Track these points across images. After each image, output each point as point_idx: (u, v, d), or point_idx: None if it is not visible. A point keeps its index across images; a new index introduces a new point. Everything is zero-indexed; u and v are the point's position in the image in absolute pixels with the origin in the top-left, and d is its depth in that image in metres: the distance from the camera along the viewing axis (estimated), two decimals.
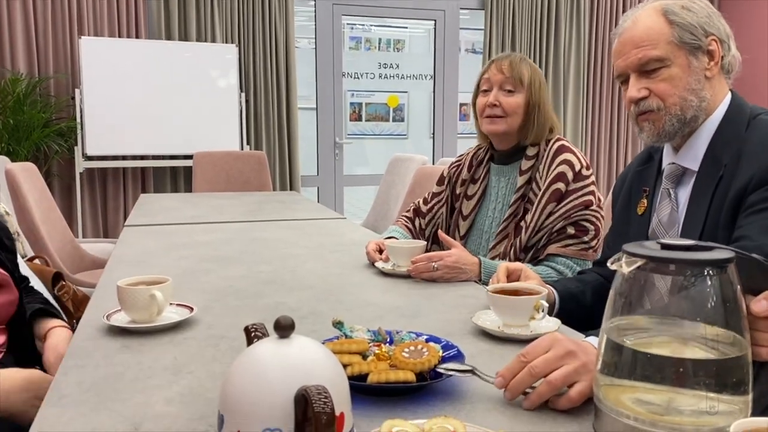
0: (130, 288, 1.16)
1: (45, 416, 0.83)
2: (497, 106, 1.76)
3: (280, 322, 0.73)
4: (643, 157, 1.33)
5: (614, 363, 0.76)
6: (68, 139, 4.39)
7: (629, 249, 0.75)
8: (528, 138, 1.78)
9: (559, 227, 1.66)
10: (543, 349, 0.87)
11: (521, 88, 1.76)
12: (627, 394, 0.75)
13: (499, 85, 1.77)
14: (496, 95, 1.76)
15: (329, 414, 0.65)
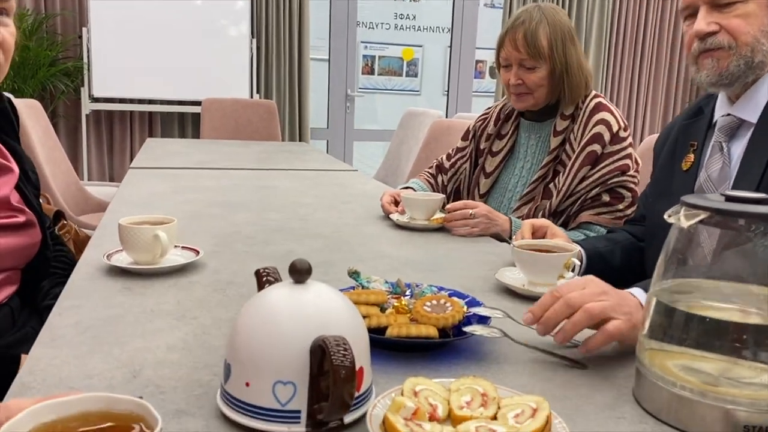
0: (132, 227, 1.08)
1: (36, 356, 0.77)
2: (521, 84, 1.63)
3: (295, 266, 0.66)
4: (692, 110, 1.23)
5: (663, 326, 0.69)
6: (74, 80, 4.27)
7: (690, 200, 0.67)
8: (562, 104, 1.66)
9: (593, 194, 1.56)
10: (578, 287, 0.81)
11: (542, 60, 1.60)
12: (675, 361, 0.68)
13: (517, 62, 1.62)
14: (517, 74, 1.63)
15: (349, 368, 0.58)
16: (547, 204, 1.60)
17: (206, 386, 0.71)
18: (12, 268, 1.21)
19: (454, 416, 0.62)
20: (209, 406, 0.67)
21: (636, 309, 0.80)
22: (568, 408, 0.69)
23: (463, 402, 0.64)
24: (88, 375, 0.73)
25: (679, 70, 5.54)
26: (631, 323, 0.78)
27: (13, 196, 1.21)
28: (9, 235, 1.17)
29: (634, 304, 0.81)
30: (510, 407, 0.63)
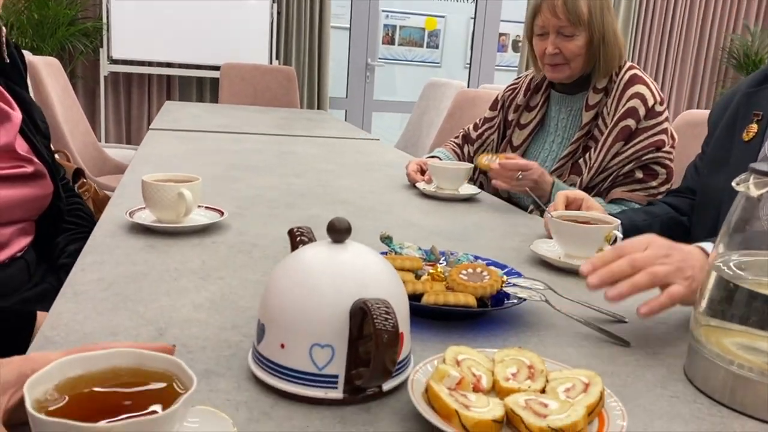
0: (156, 184, 1.05)
1: (58, 311, 0.74)
2: (558, 53, 1.56)
3: (334, 225, 0.62)
4: (757, 78, 1.16)
5: (723, 302, 0.64)
6: (93, 40, 4.23)
7: (761, 168, 0.62)
8: (595, 75, 1.59)
9: (626, 170, 1.50)
10: (642, 246, 0.77)
11: (581, 28, 1.53)
12: (733, 339, 0.64)
13: (555, 29, 1.54)
14: (555, 42, 1.55)
15: (392, 332, 0.54)
16: (578, 180, 1.55)
17: (235, 347, 0.68)
18: (24, 220, 1.18)
19: (500, 388, 0.59)
20: (239, 367, 0.64)
21: (700, 270, 0.75)
22: (616, 385, 0.66)
23: (508, 373, 0.60)
24: (113, 332, 0.70)
25: (710, 43, 5.40)
26: (691, 289, 0.74)
27: (21, 146, 1.17)
28: (17, 186, 1.13)
29: (699, 266, 0.76)
30: (559, 381, 0.59)
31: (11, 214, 1.13)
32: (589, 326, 0.78)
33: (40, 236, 1.23)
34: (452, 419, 0.53)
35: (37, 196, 1.19)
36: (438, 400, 0.54)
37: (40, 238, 1.23)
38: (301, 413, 0.56)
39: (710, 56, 5.45)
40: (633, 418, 0.59)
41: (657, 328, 0.82)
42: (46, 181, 1.20)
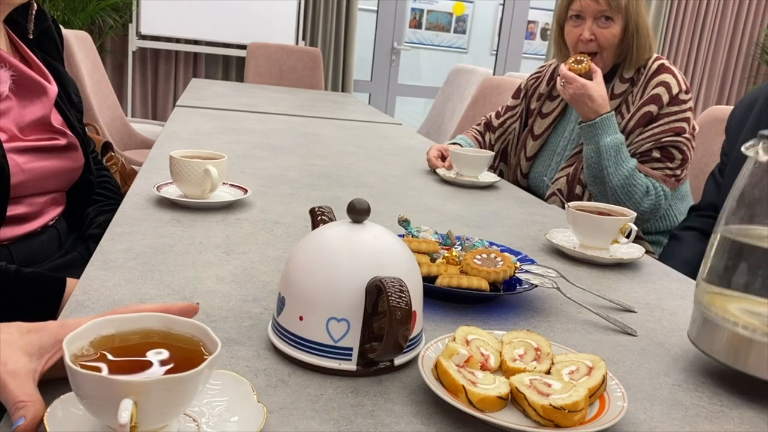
0: (184, 160, 1.08)
1: (89, 277, 0.78)
2: (592, 40, 1.56)
3: (354, 205, 0.65)
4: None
5: (728, 269, 0.66)
6: (123, 15, 4.28)
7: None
8: (623, 66, 1.59)
9: (644, 149, 1.51)
10: None
11: (619, 15, 1.54)
12: (737, 305, 0.65)
13: (593, 14, 1.55)
14: (592, 28, 1.55)
15: (405, 310, 0.57)
16: None
17: (256, 318, 0.72)
18: (56, 191, 1.22)
19: (507, 368, 0.61)
20: (258, 337, 0.67)
21: None
22: (620, 371, 0.68)
23: (516, 354, 0.63)
24: (141, 299, 0.73)
25: (743, 38, 5.30)
26: None
27: (55, 119, 1.20)
28: (51, 158, 1.17)
29: None
30: (564, 364, 0.61)
31: (45, 184, 1.17)
32: (598, 315, 0.80)
33: (70, 207, 1.27)
34: (459, 394, 0.55)
35: (69, 167, 1.23)
36: (446, 375, 0.57)
37: (70, 209, 1.27)
38: (317, 382, 0.60)
39: (743, 51, 5.35)
40: (634, 403, 0.61)
41: (665, 319, 0.84)
42: (77, 153, 1.24)
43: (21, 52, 1.19)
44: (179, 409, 0.46)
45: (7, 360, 0.49)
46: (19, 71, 1.11)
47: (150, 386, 0.43)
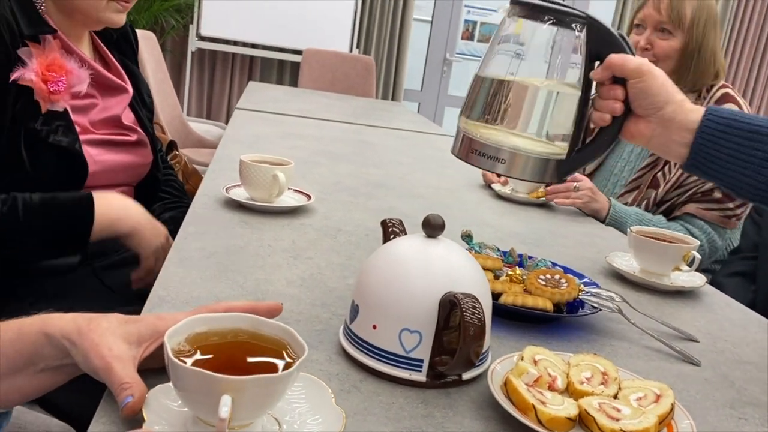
0: (254, 164, 1.12)
1: (168, 273, 0.81)
2: (648, 49, 1.55)
3: (430, 221, 0.67)
4: None
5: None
6: (185, 16, 4.41)
7: None
8: (681, 85, 1.57)
9: (706, 188, 1.49)
10: None
11: (679, 30, 1.53)
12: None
13: (653, 25, 1.55)
14: (649, 37, 1.55)
15: (478, 326, 0.59)
16: (653, 194, 1.54)
17: (325, 323, 0.74)
18: (125, 184, 1.27)
19: (574, 390, 0.62)
20: (329, 342, 0.70)
21: None
22: (685, 400, 0.68)
23: (583, 377, 0.64)
24: (217, 297, 0.77)
25: None
26: None
27: (127, 117, 1.26)
28: (121, 152, 1.22)
29: None
30: (632, 390, 0.62)
31: (115, 176, 1.22)
32: (662, 342, 0.80)
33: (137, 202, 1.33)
34: (529, 413, 0.57)
35: (138, 163, 1.28)
36: (516, 393, 0.58)
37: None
38: (388, 390, 0.62)
39: None
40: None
41: (728, 350, 0.83)
42: (146, 150, 1.30)
43: (101, 54, 1.25)
44: (268, 407, 0.49)
45: (112, 345, 0.52)
46: (98, 72, 1.16)
47: (246, 384, 0.46)
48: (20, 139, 0.99)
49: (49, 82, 1.01)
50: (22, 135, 1.00)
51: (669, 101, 0.79)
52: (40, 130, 1.01)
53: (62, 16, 1.09)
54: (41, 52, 1.02)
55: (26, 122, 1.00)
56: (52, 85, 1.01)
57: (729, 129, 0.75)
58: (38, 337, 0.57)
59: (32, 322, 0.58)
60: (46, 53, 1.02)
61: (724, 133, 0.75)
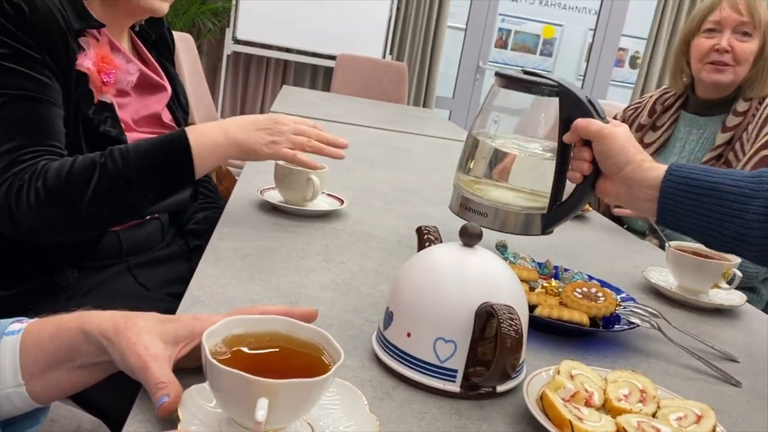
0: (289, 167, 1.12)
1: (203, 273, 0.82)
2: (728, 52, 1.50)
3: (467, 230, 0.66)
4: None
5: None
6: (221, 20, 4.47)
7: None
8: (751, 91, 1.52)
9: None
10: None
11: (758, 32, 1.49)
12: None
13: (732, 26, 1.50)
14: (729, 39, 1.50)
15: (515, 338, 0.58)
16: None
17: (358, 329, 0.74)
18: None
19: (611, 407, 0.61)
20: (362, 348, 0.69)
21: None
22: (725, 422, 0.66)
23: (620, 394, 0.62)
24: (251, 299, 0.77)
25: None
26: None
27: (165, 115, 1.27)
28: None
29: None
30: (671, 409, 0.60)
31: None
32: (701, 360, 0.78)
33: None
34: (565, 429, 0.55)
35: None
36: (553, 408, 0.57)
37: None
38: (421, 399, 0.61)
39: None
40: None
41: None
42: None
43: (140, 53, 1.27)
44: (303, 411, 0.49)
45: (148, 344, 0.53)
46: (140, 70, 1.18)
47: (283, 387, 0.45)
48: (79, 125, 1.02)
49: (102, 73, 1.03)
50: (80, 121, 1.02)
51: (629, 161, 0.84)
52: (93, 118, 1.03)
53: (106, 8, 1.11)
54: (96, 43, 1.05)
55: (82, 109, 1.02)
56: (104, 76, 1.03)
57: (689, 188, 0.80)
58: (76, 333, 0.57)
59: (71, 319, 0.59)
60: (100, 45, 1.05)
61: (685, 192, 0.80)
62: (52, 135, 0.97)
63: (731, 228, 0.78)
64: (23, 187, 0.92)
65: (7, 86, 0.94)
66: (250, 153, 1.02)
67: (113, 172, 0.94)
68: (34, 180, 0.92)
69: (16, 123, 0.95)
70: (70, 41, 1.00)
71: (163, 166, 0.97)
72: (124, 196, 0.95)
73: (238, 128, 1.03)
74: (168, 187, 0.99)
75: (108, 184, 0.93)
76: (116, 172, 0.94)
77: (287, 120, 1.06)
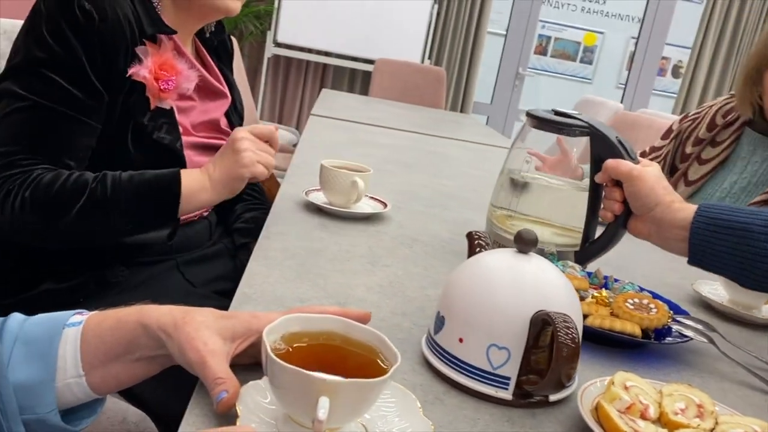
0: (334, 170, 1.13)
1: (253, 272, 0.83)
2: None
3: (522, 236, 0.66)
4: None
5: None
6: (263, 23, 4.53)
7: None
8: None
9: None
10: None
11: None
12: None
13: None
14: None
15: (572, 347, 0.57)
16: None
17: (406, 332, 0.74)
18: None
19: (667, 420, 0.59)
20: (411, 352, 0.69)
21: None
22: None
23: (677, 408, 0.61)
24: (300, 298, 0.78)
25: None
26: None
27: (223, 122, 1.29)
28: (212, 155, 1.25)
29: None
30: (730, 425, 0.59)
31: None
32: (758, 377, 0.76)
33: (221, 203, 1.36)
34: None
35: None
36: (609, 420, 0.56)
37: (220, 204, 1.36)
38: (472, 405, 0.61)
39: None
40: None
41: None
42: None
43: (203, 58, 1.29)
44: (360, 412, 0.49)
45: (207, 340, 0.54)
46: (202, 75, 1.20)
47: (343, 387, 0.46)
48: (128, 133, 1.04)
49: (161, 80, 1.05)
50: (130, 128, 1.04)
51: (659, 203, 0.86)
52: (147, 125, 1.05)
53: (178, 11, 1.12)
54: (156, 50, 1.06)
55: (135, 116, 1.04)
56: (163, 83, 1.05)
57: (719, 228, 0.81)
58: (135, 327, 0.58)
59: (130, 312, 0.60)
60: (160, 52, 1.06)
61: (715, 232, 0.81)
62: (63, 150, 0.99)
63: (764, 268, 0.78)
64: (11, 192, 0.93)
65: (37, 92, 0.96)
66: (234, 186, 1.04)
67: (101, 199, 0.95)
68: (24, 188, 0.93)
69: (30, 129, 0.97)
70: (130, 51, 1.02)
71: (151, 203, 1.00)
72: (104, 222, 0.97)
73: (215, 167, 1.04)
74: (149, 224, 1.02)
75: (92, 208, 0.95)
76: (104, 198, 0.95)
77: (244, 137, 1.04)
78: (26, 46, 0.97)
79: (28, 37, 0.98)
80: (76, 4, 0.96)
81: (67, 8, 0.96)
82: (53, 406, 0.58)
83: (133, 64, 1.02)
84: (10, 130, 0.96)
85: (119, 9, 0.99)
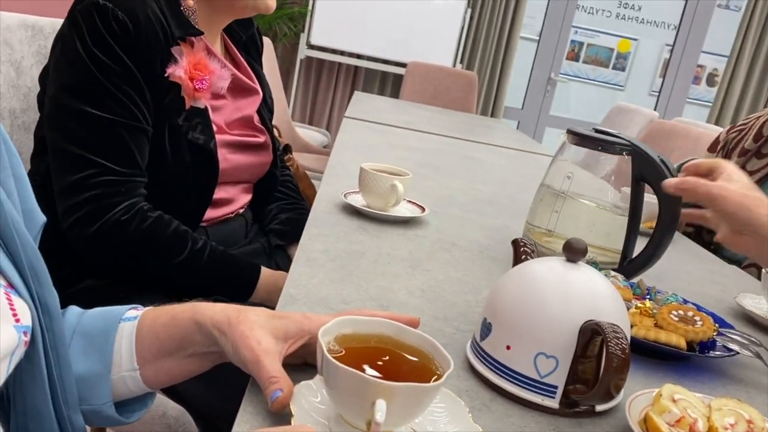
0: (374, 173, 1.14)
1: (297, 272, 0.84)
2: None
3: (571, 244, 0.66)
4: None
5: None
6: (296, 25, 4.57)
7: None
8: None
9: None
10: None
11: None
12: None
13: None
14: None
15: (622, 358, 0.57)
16: None
17: (449, 338, 0.74)
18: (247, 182, 1.32)
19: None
20: (456, 357, 0.69)
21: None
22: None
23: (726, 423, 0.60)
24: (344, 300, 0.78)
25: None
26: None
27: (255, 118, 1.31)
28: (248, 152, 1.27)
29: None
30: None
31: (239, 175, 1.28)
32: None
33: (255, 199, 1.37)
34: None
35: (261, 162, 1.33)
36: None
37: (255, 201, 1.37)
38: (518, 413, 0.61)
39: None
40: None
41: None
42: (269, 150, 1.34)
43: (232, 55, 1.31)
44: (414, 416, 0.49)
45: (260, 339, 0.55)
46: (234, 73, 1.22)
47: (398, 390, 0.46)
48: (165, 133, 1.06)
49: (195, 80, 1.07)
50: (166, 128, 1.06)
51: (752, 218, 0.83)
52: (182, 125, 1.07)
53: (212, 11, 1.14)
54: (190, 50, 1.08)
55: (171, 117, 1.06)
56: (197, 83, 1.07)
57: None
58: (189, 323, 0.60)
59: (184, 309, 0.62)
60: (194, 52, 1.08)
61: None
62: (141, 164, 1.05)
63: None
64: (125, 223, 1.00)
65: (109, 109, 0.99)
66: None
67: (197, 258, 1.05)
68: (138, 221, 1.01)
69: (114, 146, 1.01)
70: (165, 52, 1.04)
71: (230, 280, 1.09)
72: (185, 276, 1.06)
73: None
74: (218, 292, 1.08)
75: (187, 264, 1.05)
76: (198, 259, 1.05)
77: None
78: (81, 64, 0.98)
79: (77, 55, 0.98)
80: (111, 15, 0.97)
81: (106, 22, 0.97)
82: (109, 398, 0.59)
83: (169, 64, 1.04)
84: (101, 150, 1.00)
85: (150, 11, 1.01)
